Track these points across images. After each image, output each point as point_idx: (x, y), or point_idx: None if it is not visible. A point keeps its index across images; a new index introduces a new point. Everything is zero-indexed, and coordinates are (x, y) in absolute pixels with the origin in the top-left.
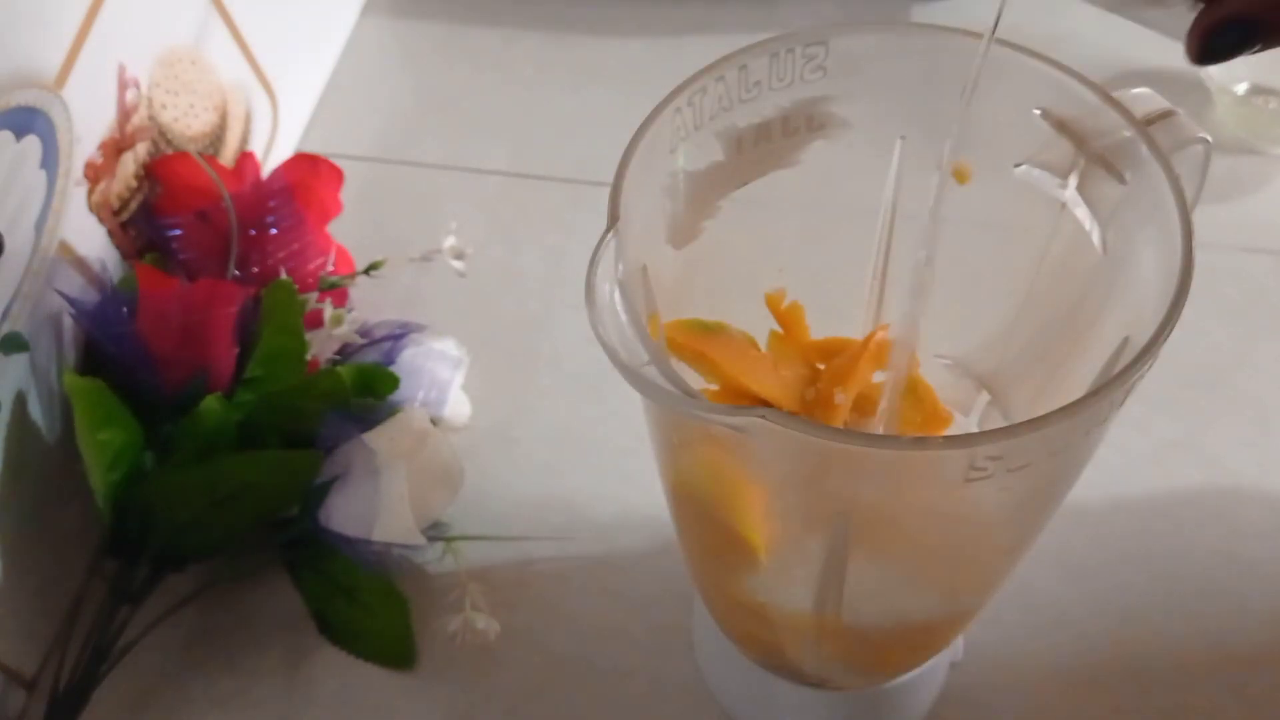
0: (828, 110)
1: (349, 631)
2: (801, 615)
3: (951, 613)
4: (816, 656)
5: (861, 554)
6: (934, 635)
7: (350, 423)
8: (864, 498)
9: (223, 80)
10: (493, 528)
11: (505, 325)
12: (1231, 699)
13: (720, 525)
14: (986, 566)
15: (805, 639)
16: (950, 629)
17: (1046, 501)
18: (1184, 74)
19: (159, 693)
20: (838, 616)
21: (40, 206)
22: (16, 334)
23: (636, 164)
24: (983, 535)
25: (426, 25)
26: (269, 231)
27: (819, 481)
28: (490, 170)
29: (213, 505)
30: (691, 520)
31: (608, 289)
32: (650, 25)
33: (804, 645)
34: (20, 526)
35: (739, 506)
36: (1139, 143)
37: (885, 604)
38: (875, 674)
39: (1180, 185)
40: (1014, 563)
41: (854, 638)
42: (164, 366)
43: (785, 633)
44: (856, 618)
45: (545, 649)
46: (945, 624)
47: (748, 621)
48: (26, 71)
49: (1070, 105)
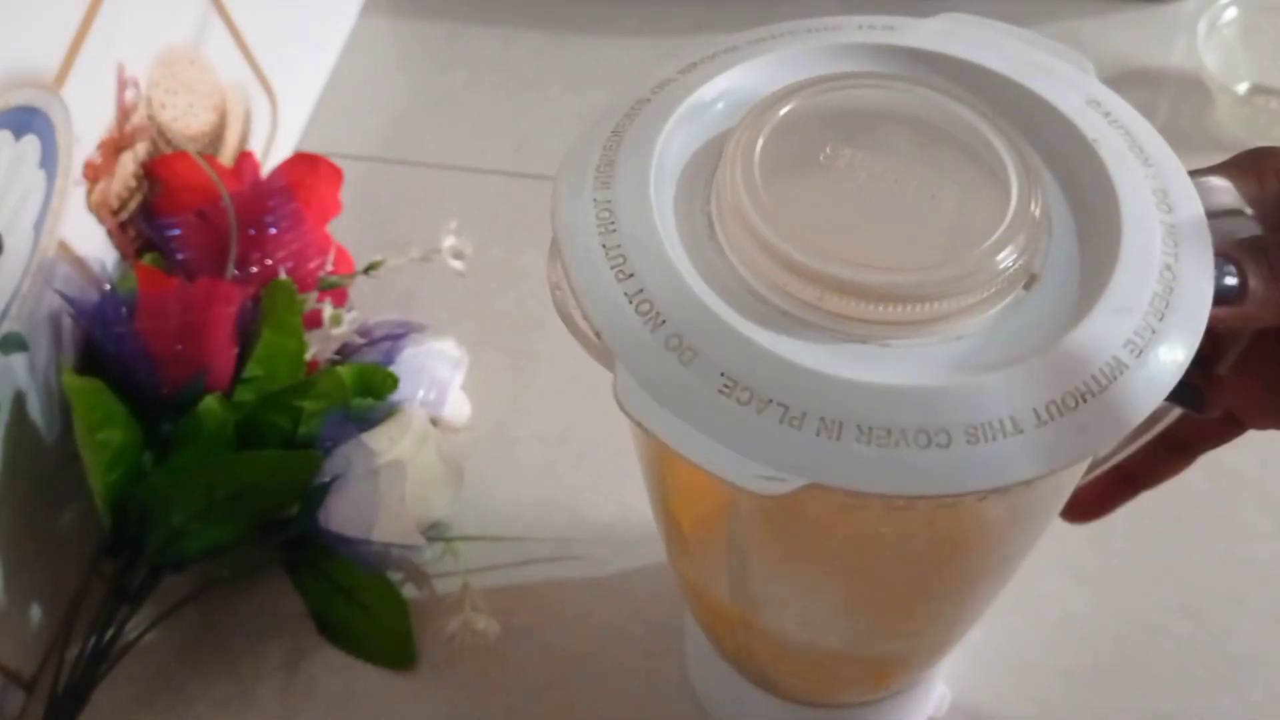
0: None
1: (349, 632)
2: (721, 602)
3: (872, 651)
4: (763, 660)
5: (764, 556)
6: (860, 668)
7: (350, 423)
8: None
9: (222, 80)
10: (493, 528)
11: (505, 325)
12: (1231, 699)
13: (658, 495)
14: (902, 606)
15: (735, 631)
16: (880, 666)
17: (977, 554)
18: (1184, 74)
19: (158, 693)
20: (756, 615)
21: (39, 206)
22: (15, 334)
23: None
24: (893, 572)
25: (426, 25)
26: (268, 231)
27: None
28: (490, 170)
29: (212, 505)
30: (650, 489)
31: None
32: (650, 25)
33: (738, 638)
34: (19, 526)
35: (666, 477)
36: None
37: (799, 617)
38: (833, 694)
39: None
40: (936, 615)
41: (780, 646)
42: (163, 366)
43: (717, 621)
44: (777, 624)
45: (545, 649)
46: (865, 661)
47: (699, 609)
48: (25, 71)
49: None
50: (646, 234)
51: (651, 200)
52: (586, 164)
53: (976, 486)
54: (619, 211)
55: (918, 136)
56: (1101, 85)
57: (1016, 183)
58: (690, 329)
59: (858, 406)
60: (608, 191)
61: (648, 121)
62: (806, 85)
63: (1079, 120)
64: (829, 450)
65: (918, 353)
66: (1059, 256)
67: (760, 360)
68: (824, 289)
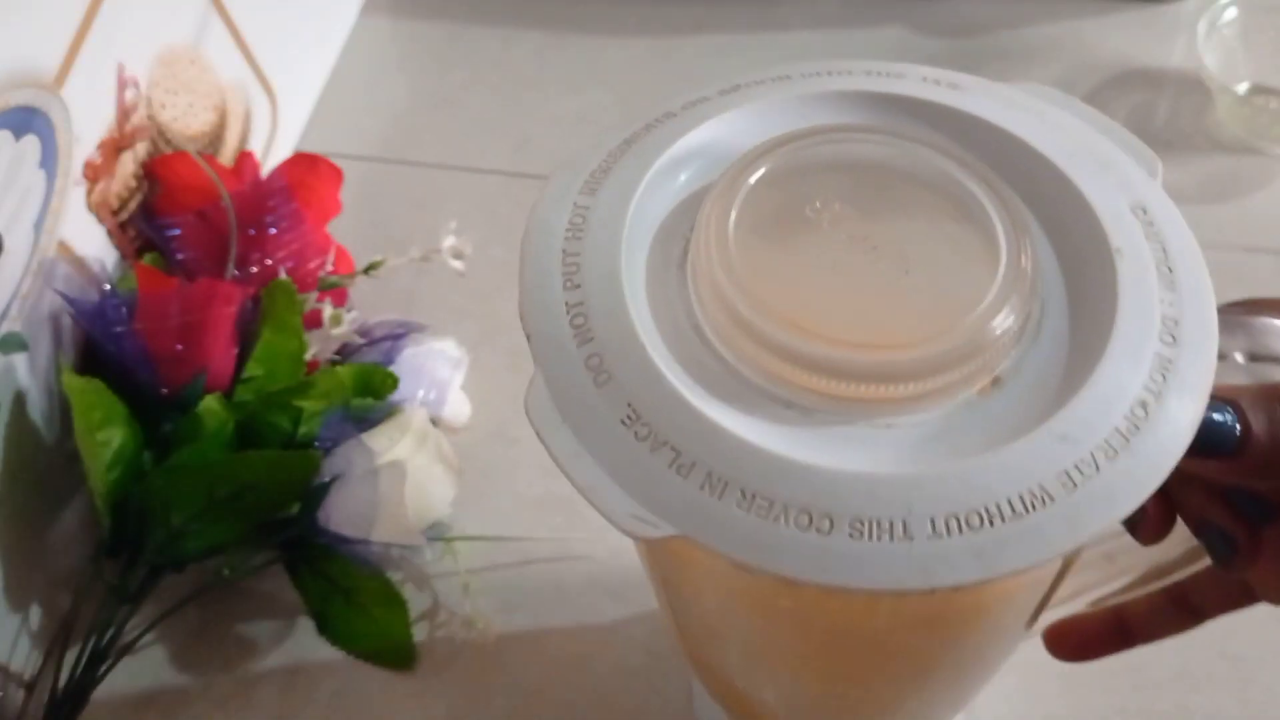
0: None
1: (348, 631)
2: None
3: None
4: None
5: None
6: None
7: (350, 423)
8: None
9: (222, 79)
10: (493, 528)
11: (505, 325)
12: (1231, 699)
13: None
14: (824, 683)
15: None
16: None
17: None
18: (1184, 74)
19: (158, 693)
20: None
21: (39, 206)
22: (16, 334)
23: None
24: (799, 645)
25: (426, 25)
26: (268, 231)
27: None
28: (490, 170)
29: (212, 505)
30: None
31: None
32: (650, 25)
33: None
34: (19, 526)
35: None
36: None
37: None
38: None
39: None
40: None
41: (731, 688)
42: (163, 366)
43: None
44: (698, 649)
45: (545, 649)
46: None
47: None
48: (25, 71)
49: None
50: (608, 248)
51: (627, 218)
52: (584, 166)
53: (850, 582)
54: (592, 220)
55: (914, 196)
56: (1159, 191)
57: (994, 299)
58: (612, 352)
59: (747, 470)
60: (591, 198)
61: (661, 137)
62: (807, 134)
63: (1109, 225)
64: (706, 506)
65: (839, 432)
66: (1038, 360)
67: (668, 400)
68: (761, 348)
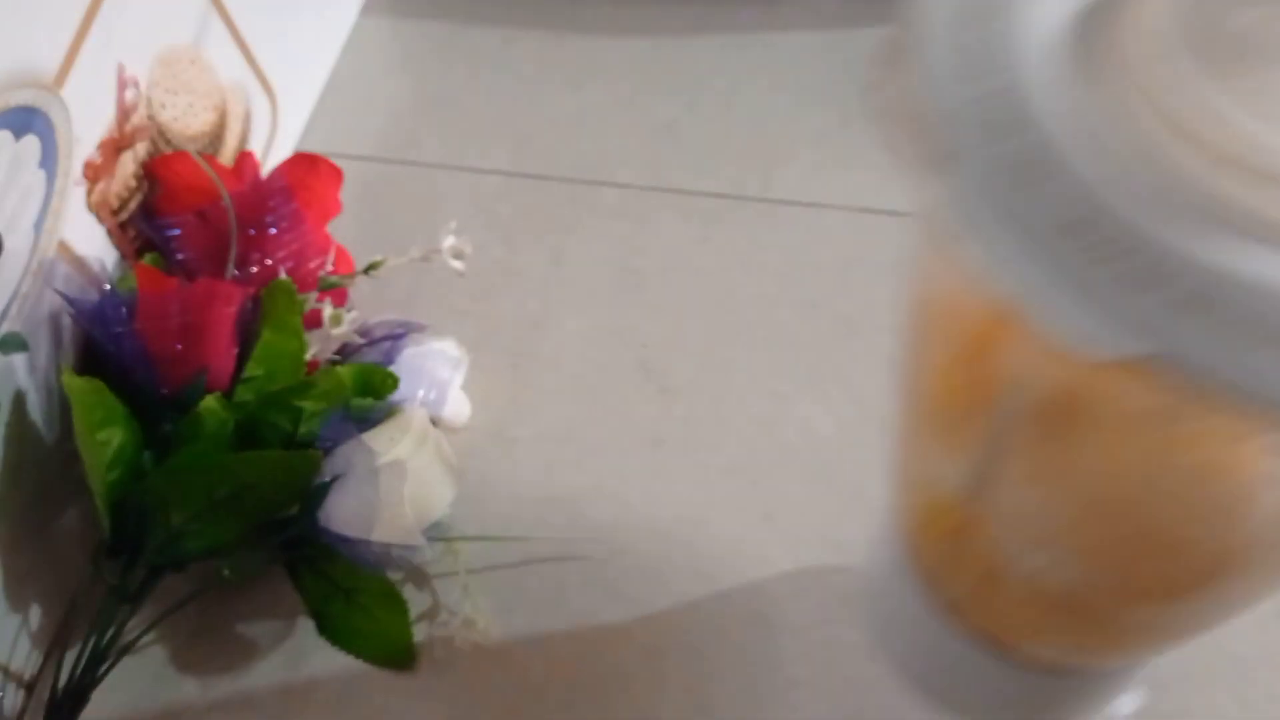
0: None
1: (349, 632)
2: (948, 498)
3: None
4: (982, 594)
5: (1022, 462)
6: (1088, 621)
7: (350, 423)
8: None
9: (222, 79)
10: (493, 528)
11: (505, 325)
12: (1231, 699)
13: (919, 371)
14: (1192, 572)
15: (953, 543)
16: (1120, 636)
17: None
18: None
19: (158, 693)
20: (986, 520)
21: (39, 206)
22: (15, 334)
23: None
24: (1159, 513)
25: (426, 25)
26: (268, 231)
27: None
28: (490, 170)
29: (212, 505)
30: (905, 364)
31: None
32: (650, 25)
33: (955, 550)
34: (19, 526)
35: (934, 348)
36: None
37: (1038, 539)
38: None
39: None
40: (1195, 586)
41: (1012, 575)
42: (163, 366)
43: (933, 526)
44: (1015, 539)
45: (545, 649)
46: (1103, 624)
47: (919, 511)
48: (25, 71)
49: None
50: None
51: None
52: None
53: None
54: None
55: None
56: None
57: None
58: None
59: (1232, 292)
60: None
61: None
62: None
63: None
64: (1184, 325)
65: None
66: None
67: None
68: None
